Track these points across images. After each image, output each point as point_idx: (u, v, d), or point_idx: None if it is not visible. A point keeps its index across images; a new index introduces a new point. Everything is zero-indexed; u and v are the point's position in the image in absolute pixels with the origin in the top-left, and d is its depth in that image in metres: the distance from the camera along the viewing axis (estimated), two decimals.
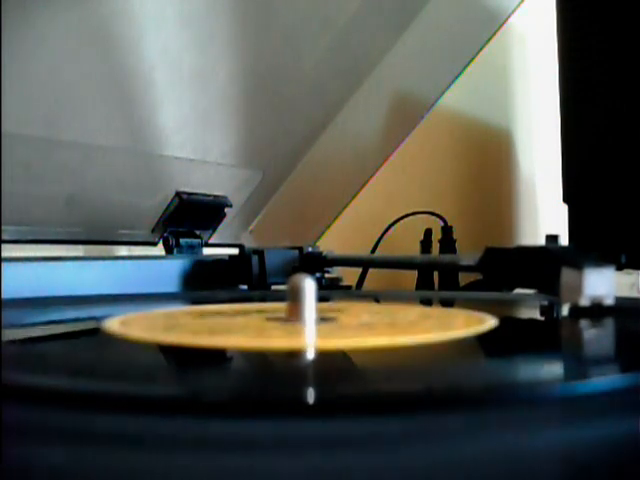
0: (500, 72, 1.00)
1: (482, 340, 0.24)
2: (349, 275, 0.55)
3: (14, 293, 0.35)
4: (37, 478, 0.12)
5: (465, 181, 0.94)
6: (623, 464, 0.13)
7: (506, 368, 0.20)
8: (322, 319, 0.26)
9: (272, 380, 0.19)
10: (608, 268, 0.29)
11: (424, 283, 0.63)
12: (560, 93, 0.69)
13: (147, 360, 0.22)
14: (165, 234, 0.50)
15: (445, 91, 0.62)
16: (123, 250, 0.53)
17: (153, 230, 0.51)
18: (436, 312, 0.36)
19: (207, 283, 0.47)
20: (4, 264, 0.36)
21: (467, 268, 0.39)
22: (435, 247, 0.66)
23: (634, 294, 0.57)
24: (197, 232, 0.52)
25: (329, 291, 0.47)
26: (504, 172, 1.02)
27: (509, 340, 0.26)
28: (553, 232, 0.35)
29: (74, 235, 0.46)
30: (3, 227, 0.41)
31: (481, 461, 0.12)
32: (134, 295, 0.41)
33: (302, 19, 0.49)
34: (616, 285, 0.29)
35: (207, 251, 0.53)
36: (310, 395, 0.16)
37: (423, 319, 0.28)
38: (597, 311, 0.29)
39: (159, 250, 0.51)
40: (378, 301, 0.44)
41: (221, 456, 0.13)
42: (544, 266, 0.31)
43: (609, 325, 0.29)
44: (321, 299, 0.28)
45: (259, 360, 0.22)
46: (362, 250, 0.67)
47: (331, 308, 0.32)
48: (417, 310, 0.34)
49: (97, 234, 0.48)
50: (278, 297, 0.31)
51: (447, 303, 0.43)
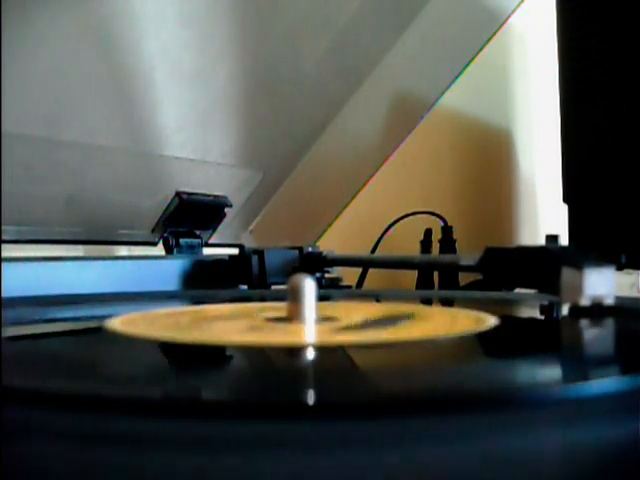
0: (500, 72, 1.00)
1: (482, 340, 0.24)
2: (349, 275, 0.55)
3: (14, 293, 0.35)
4: (37, 478, 0.12)
5: (465, 181, 0.94)
6: (623, 465, 0.13)
7: (506, 369, 0.20)
8: (322, 319, 0.26)
9: (272, 380, 0.19)
10: (608, 268, 0.29)
11: (424, 283, 0.63)
12: (560, 93, 0.69)
13: (149, 360, 0.22)
14: (165, 234, 0.51)
15: (445, 91, 0.62)
16: (123, 250, 0.53)
17: (153, 230, 0.51)
18: (436, 311, 0.36)
19: (207, 283, 0.47)
20: (4, 264, 0.36)
21: (467, 268, 0.39)
22: (435, 247, 0.66)
23: (634, 294, 0.57)
24: (197, 232, 0.52)
25: (329, 290, 0.47)
26: (504, 172, 1.02)
27: (509, 340, 0.26)
28: (553, 232, 0.35)
29: (74, 235, 0.47)
30: (3, 227, 0.41)
31: (481, 462, 0.12)
32: (135, 294, 0.41)
33: (302, 19, 0.49)
34: (616, 285, 0.29)
35: (207, 251, 0.53)
36: (310, 397, 0.16)
37: (422, 319, 0.28)
38: (597, 311, 0.29)
39: (159, 250, 0.51)
40: (379, 300, 0.44)
41: (221, 456, 0.13)
42: (544, 266, 0.31)
43: (609, 325, 0.29)
44: (321, 298, 0.28)
45: (259, 360, 0.22)
46: (362, 250, 0.67)
47: (331, 308, 0.32)
48: (417, 310, 0.34)
49: (97, 234, 0.48)
50: (278, 297, 0.31)
51: (447, 302, 0.43)
